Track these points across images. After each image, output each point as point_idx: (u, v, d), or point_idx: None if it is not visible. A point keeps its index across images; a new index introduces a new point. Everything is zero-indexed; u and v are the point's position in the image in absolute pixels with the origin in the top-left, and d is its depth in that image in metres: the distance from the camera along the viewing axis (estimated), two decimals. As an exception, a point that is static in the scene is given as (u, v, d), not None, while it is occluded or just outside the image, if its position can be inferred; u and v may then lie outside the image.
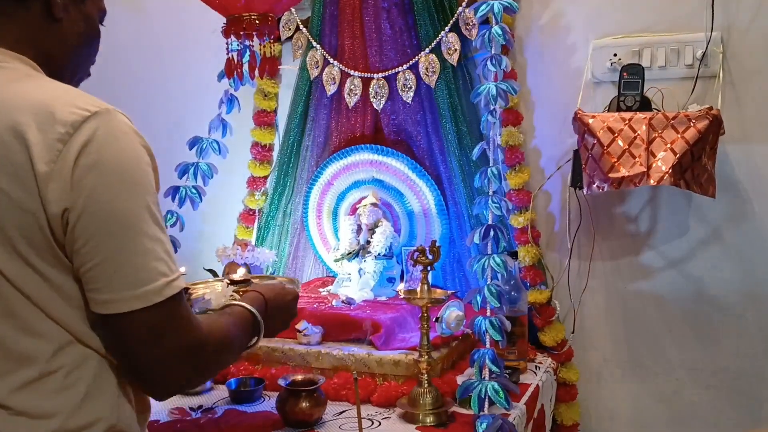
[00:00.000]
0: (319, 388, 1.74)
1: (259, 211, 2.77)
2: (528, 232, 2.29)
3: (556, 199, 2.36)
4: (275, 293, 1.26)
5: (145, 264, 0.95)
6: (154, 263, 0.94)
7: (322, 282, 2.65)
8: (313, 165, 2.70)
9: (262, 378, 1.92)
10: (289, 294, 1.31)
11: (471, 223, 2.40)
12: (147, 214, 0.95)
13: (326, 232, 2.71)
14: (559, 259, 2.36)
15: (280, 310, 1.26)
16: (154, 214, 0.96)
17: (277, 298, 1.25)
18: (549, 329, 2.29)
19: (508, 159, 2.31)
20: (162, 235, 0.98)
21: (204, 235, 2.77)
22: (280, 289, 1.30)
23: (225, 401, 1.85)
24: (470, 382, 1.76)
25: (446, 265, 2.51)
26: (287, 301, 1.29)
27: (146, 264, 0.94)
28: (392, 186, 2.53)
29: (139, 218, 0.96)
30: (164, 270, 0.95)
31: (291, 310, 1.31)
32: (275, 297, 1.25)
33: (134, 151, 0.96)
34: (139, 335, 0.94)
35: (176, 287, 0.97)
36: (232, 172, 2.78)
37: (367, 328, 2.04)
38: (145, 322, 0.95)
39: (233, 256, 2.20)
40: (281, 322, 1.29)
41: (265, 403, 1.85)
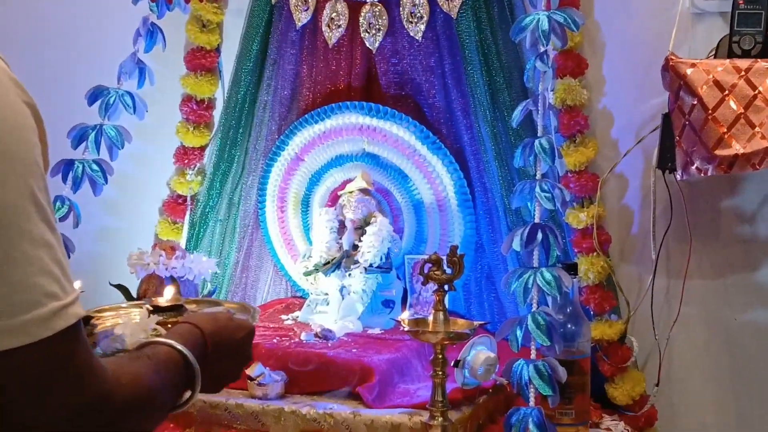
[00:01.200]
0: (280, 464, 1.75)
1: (193, 199, 2.77)
2: (593, 235, 2.29)
3: (635, 187, 2.36)
4: (219, 326, 1.24)
5: (25, 280, 0.93)
6: (38, 279, 0.92)
7: (286, 306, 2.65)
8: (274, 131, 2.70)
9: (196, 448, 1.93)
10: (240, 328, 1.29)
11: (508, 220, 2.40)
12: (31, 205, 0.93)
13: (292, 231, 2.71)
14: (638, 275, 2.36)
15: (227, 352, 1.24)
16: (41, 206, 0.94)
17: (222, 334, 1.23)
18: (622, 380, 2.29)
19: (564, 126, 2.31)
20: (52, 236, 0.95)
21: (109, 234, 2.77)
22: (227, 321, 1.27)
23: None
24: (505, 458, 1.77)
25: (471, 282, 2.51)
26: (238, 338, 1.27)
27: (26, 280, 0.91)
28: (392, 164, 2.54)
29: (18, 212, 0.94)
30: (54, 290, 0.93)
31: (243, 352, 1.29)
32: (219, 332, 1.23)
33: (11, 110, 0.95)
34: (13, 387, 0.92)
35: (71, 316, 0.95)
36: (152, 140, 2.77)
37: (352, 375, 2.04)
38: (22, 367, 0.94)
39: (153, 266, 2.20)
40: (228, 369, 1.27)
41: (200, 486, 1.87)
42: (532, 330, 1.85)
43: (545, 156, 2.00)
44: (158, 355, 1.14)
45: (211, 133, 2.77)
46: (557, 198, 1.99)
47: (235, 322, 1.32)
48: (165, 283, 2.14)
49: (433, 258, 1.81)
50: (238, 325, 1.32)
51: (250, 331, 1.33)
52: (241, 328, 1.32)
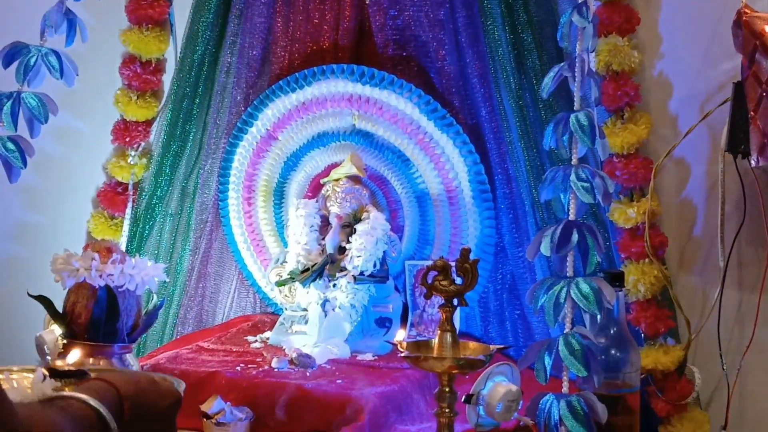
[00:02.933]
0: None
1: (136, 188, 2.78)
2: (645, 236, 2.30)
3: (699, 176, 2.37)
4: (139, 389, 1.28)
5: None
6: None
7: (253, 324, 2.66)
8: (239, 101, 2.71)
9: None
10: (165, 395, 1.33)
11: (537, 217, 2.41)
12: None
13: (262, 229, 2.72)
14: (702, 288, 2.37)
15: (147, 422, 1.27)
16: None
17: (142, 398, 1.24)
18: (680, 420, 2.30)
19: (609, 98, 2.31)
20: None
21: (29, 231, 2.78)
22: (149, 384, 1.31)
23: None
24: None
25: (489, 296, 2.53)
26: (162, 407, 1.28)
27: None
28: (389, 145, 2.55)
29: None
30: None
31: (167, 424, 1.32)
32: (138, 395, 1.27)
33: None
34: None
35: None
36: (84, 112, 2.77)
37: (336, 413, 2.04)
38: None
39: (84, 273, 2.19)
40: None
41: None
42: (564, 357, 1.85)
43: (583, 135, 2.00)
44: (72, 410, 1.15)
45: (159, 103, 2.79)
46: (598, 188, 1.99)
47: (158, 385, 1.33)
48: (99, 295, 2.14)
49: (439, 264, 1.82)
50: (164, 390, 1.34)
51: (178, 399, 1.35)
52: (167, 394, 1.34)
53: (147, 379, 1.33)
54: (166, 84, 2.79)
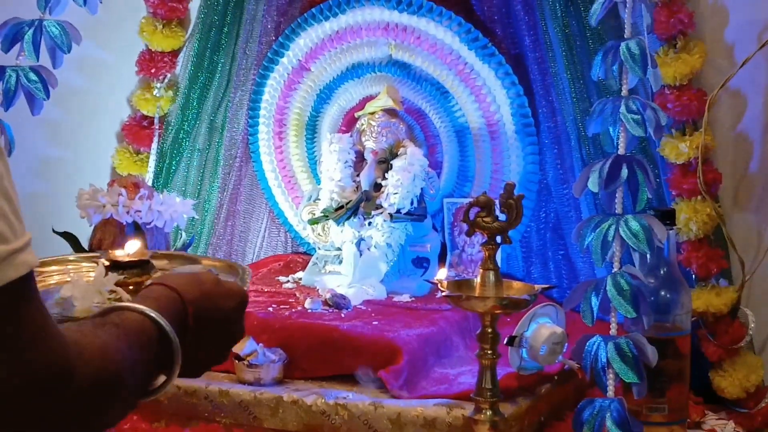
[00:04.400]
0: (277, 469, 1.78)
1: (163, 122, 2.79)
2: (698, 172, 2.29)
3: (756, 109, 2.35)
4: (203, 292, 1.27)
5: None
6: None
7: (285, 264, 2.68)
8: (270, 30, 2.71)
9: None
10: (230, 295, 1.31)
11: (583, 152, 2.41)
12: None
13: (294, 165, 2.73)
14: (757, 227, 2.36)
15: (213, 326, 1.26)
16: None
17: (207, 302, 1.25)
18: (733, 366, 2.30)
19: (661, 25, 2.29)
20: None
21: (53, 166, 2.79)
22: (213, 285, 1.29)
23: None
24: (574, 465, 1.80)
25: (532, 235, 2.53)
26: (227, 309, 1.26)
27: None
28: (427, 76, 2.54)
29: None
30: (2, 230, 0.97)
31: (233, 327, 1.29)
32: (203, 299, 1.26)
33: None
34: None
35: (23, 265, 0.96)
36: (108, 41, 2.77)
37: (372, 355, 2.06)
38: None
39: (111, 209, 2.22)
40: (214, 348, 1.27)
41: (172, 496, 1.92)
42: (613, 297, 1.85)
43: (634, 65, 1.99)
44: (128, 324, 1.16)
45: (186, 32, 2.78)
46: (649, 121, 1.97)
47: (223, 286, 1.33)
48: (126, 232, 2.16)
49: (482, 200, 1.82)
50: (228, 290, 1.33)
51: (243, 299, 1.35)
52: (232, 294, 1.33)
53: (211, 280, 1.32)
54: (193, 12, 2.78)
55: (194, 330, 1.23)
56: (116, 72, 2.80)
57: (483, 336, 1.81)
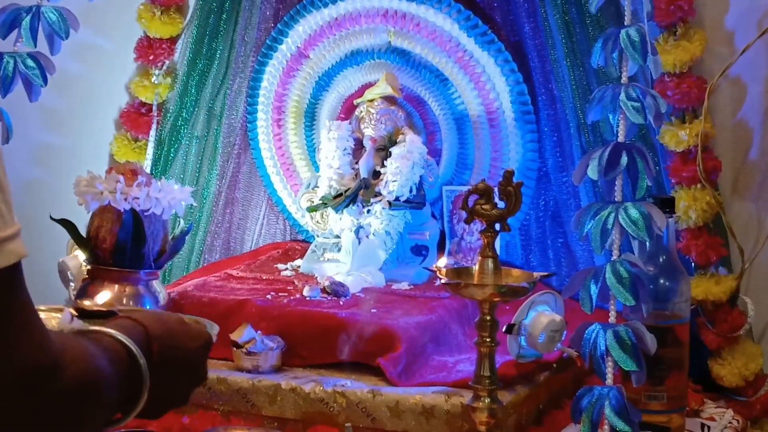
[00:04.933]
0: (275, 457, 1.79)
1: (161, 108, 2.79)
2: (697, 160, 2.29)
3: (755, 96, 2.35)
4: (168, 329, 1.28)
5: None
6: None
7: (284, 251, 2.68)
8: (268, 17, 2.71)
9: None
10: (195, 336, 1.33)
11: (582, 140, 2.41)
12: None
13: (292, 152, 2.73)
14: (756, 215, 2.37)
15: (176, 363, 1.27)
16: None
17: (171, 339, 1.27)
18: (732, 354, 2.31)
19: (661, 12, 2.29)
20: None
21: (50, 153, 2.80)
22: (178, 325, 1.32)
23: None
24: (572, 453, 1.80)
25: (531, 222, 2.53)
26: (190, 349, 1.31)
27: None
28: (426, 63, 2.54)
29: None
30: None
31: (196, 368, 1.33)
32: (167, 336, 1.27)
33: None
34: None
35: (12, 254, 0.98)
36: (106, 27, 2.77)
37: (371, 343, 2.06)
38: None
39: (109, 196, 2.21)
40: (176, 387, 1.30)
41: (170, 483, 1.91)
42: (612, 285, 1.84)
43: (634, 52, 1.98)
44: (102, 342, 1.16)
45: (184, 19, 2.78)
46: (649, 109, 1.97)
47: (188, 327, 1.34)
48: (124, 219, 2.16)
49: (481, 187, 1.82)
50: (192, 332, 1.34)
51: (208, 342, 1.36)
52: (197, 335, 1.34)
53: (176, 320, 1.33)
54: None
55: (158, 367, 1.23)
56: (114, 59, 2.80)
57: (481, 324, 1.81)
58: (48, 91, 2.43)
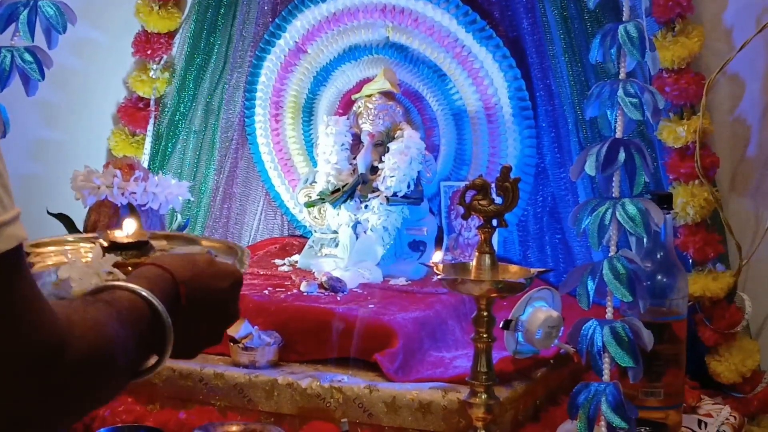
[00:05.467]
0: (271, 452, 1.79)
1: (159, 104, 2.79)
2: (695, 156, 2.29)
3: (754, 93, 2.35)
4: (196, 272, 1.27)
5: None
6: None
7: (281, 247, 2.68)
8: (266, 12, 2.71)
9: (160, 430, 1.96)
10: (224, 275, 1.32)
11: (581, 136, 2.41)
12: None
13: (290, 147, 2.73)
14: (755, 212, 2.37)
15: (206, 306, 1.28)
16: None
17: (199, 282, 1.26)
18: (729, 350, 2.31)
19: (659, 8, 2.29)
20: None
21: (47, 148, 2.80)
22: (206, 265, 1.31)
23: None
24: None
25: (529, 218, 2.53)
26: (221, 289, 1.30)
27: None
28: (425, 59, 2.54)
29: None
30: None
31: (227, 308, 1.33)
32: (197, 279, 1.26)
33: None
34: None
35: (12, 238, 0.98)
36: (104, 22, 2.77)
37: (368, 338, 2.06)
38: None
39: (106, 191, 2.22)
40: (207, 329, 1.30)
41: (166, 478, 1.91)
42: (609, 281, 1.84)
43: (632, 48, 1.98)
44: (119, 302, 1.16)
45: (182, 13, 2.78)
46: (647, 105, 1.97)
47: (217, 267, 1.33)
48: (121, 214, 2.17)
49: (478, 183, 1.81)
50: (222, 271, 1.33)
51: (238, 279, 1.35)
52: (226, 275, 1.33)
53: (205, 261, 1.32)
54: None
55: (187, 310, 1.24)
56: (112, 53, 2.80)
57: (478, 319, 1.81)
58: (45, 86, 2.42)
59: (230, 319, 1.36)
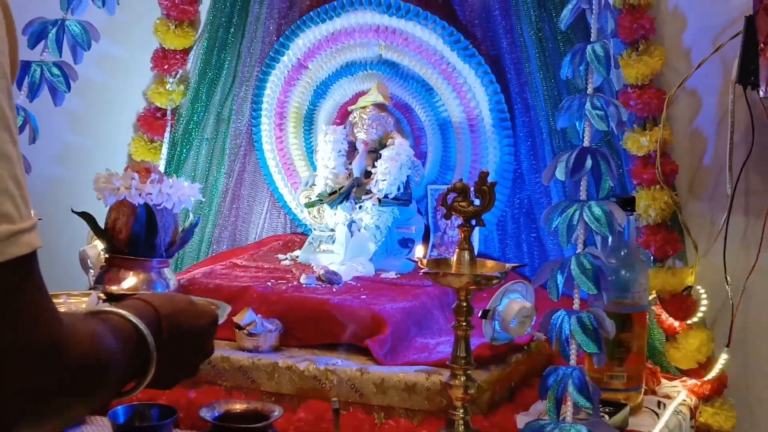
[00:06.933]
0: (272, 428, 1.78)
1: (174, 114, 2.80)
2: (656, 164, 2.30)
3: (710, 107, 2.36)
4: (176, 309, 1.28)
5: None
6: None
7: (284, 243, 2.69)
8: (272, 31, 2.72)
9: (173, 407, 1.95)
10: (201, 315, 1.33)
11: (554, 144, 2.42)
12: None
13: (293, 153, 2.74)
14: (710, 213, 2.37)
15: (185, 340, 1.28)
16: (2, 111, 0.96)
17: (179, 318, 1.27)
18: (686, 339, 2.32)
19: (625, 30, 2.30)
20: (12, 148, 0.98)
21: (73, 153, 2.80)
22: (186, 305, 1.32)
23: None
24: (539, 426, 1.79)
25: (506, 218, 2.54)
26: (198, 326, 1.31)
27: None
28: (414, 74, 2.55)
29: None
30: (8, 210, 0.96)
31: (203, 344, 1.33)
32: (176, 315, 1.27)
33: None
34: None
35: (26, 245, 0.97)
36: (125, 40, 2.78)
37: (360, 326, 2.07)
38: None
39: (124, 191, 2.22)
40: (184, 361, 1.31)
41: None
42: (576, 275, 1.85)
43: (599, 66, 1.99)
44: (112, 322, 1.17)
45: (196, 32, 2.79)
46: (612, 117, 1.97)
47: (195, 307, 1.34)
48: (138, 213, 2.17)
49: (458, 186, 1.82)
50: (200, 310, 1.34)
51: (214, 319, 1.36)
52: (203, 314, 1.34)
53: (185, 301, 1.33)
54: (203, 14, 2.79)
55: (167, 343, 1.24)
56: (132, 68, 2.81)
57: (458, 309, 1.82)
58: (71, 97, 2.43)
59: (205, 355, 1.35)
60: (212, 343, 1.35)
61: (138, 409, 1.96)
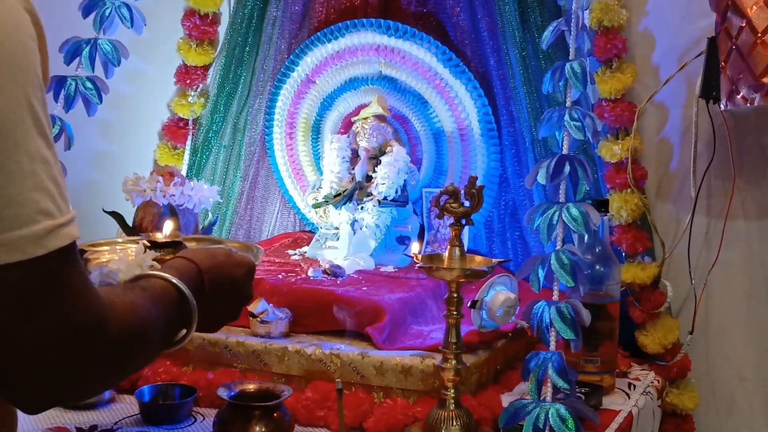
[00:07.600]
0: (282, 406, 1.78)
1: (195, 123, 2.81)
2: (628, 169, 2.31)
3: (676, 119, 2.36)
4: (216, 263, 1.28)
5: (20, 194, 0.94)
6: (33, 194, 0.94)
7: (293, 240, 2.70)
8: (283, 50, 2.73)
9: (193, 387, 1.97)
10: (239, 265, 1.32)
11: (536, 152, 2.42)
12: (29, 116, 0.95)
13: (301, 159, 2.74)
14: (676, 215, 2.38)
15: (225, 290, 1.28)
16: (38, 119, 0.96)
17: (219, 271, 1.27)
18: (654, 327, 2.33)
19: (600, 50, 2.30)
20: (48, 152, 0.97)
21: (104, 159, 2.81)
22: (225, 257, 1.31)
23: (133, 420, 1.88)
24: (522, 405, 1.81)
25: (493, 218, 2.55)
26: (236, 276, 1.31)
27: (21, 194, 0.94)
28: (410, 88, 2.55)
29: (15, 122, 0.94)
30: (48, 207, 0.96)
31: (242, 291, 1.33)
32: (216, 268, 1.27)
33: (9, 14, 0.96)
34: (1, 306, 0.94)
35: (66, 236, 0.97)
36: (151, 57, 2.79)
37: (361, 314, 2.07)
38: (12, 285, 0.94)
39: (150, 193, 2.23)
40: (226, 308, 1.31)
41: (197, 426, 1.89)
42: (555, 269, 1.86)
43: (576, 81, 2.00)
44: (153, 287, 1.17)
45: (215, 50, 2.79)
46: (588, 127, 1.98)
47: (234, 258, 1.34)
48: (162, 212, 2.18)
49: (450, 189, 1.83)
50: (238, 261, 1.34)
51: (251, 268, 1.36)
52: (241, 265, 1.35)
53: (224, 253, 1.33)
54: (221, 34, 2.79)
55: (209, 293, 1.25)
56: (158, 82, 2.81)
57: (449, 300, 1.82)
58: (103, 108, 2.44)
59: (245, 300, 1.37)
60: (251, 289, 1.37)
61: (161, 389, 1.97)
